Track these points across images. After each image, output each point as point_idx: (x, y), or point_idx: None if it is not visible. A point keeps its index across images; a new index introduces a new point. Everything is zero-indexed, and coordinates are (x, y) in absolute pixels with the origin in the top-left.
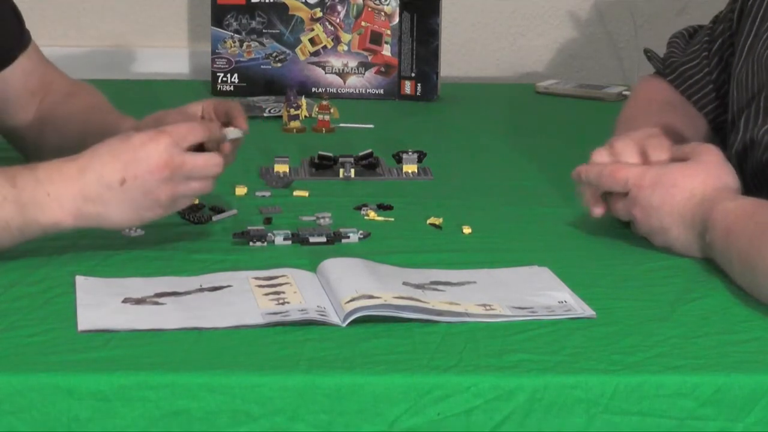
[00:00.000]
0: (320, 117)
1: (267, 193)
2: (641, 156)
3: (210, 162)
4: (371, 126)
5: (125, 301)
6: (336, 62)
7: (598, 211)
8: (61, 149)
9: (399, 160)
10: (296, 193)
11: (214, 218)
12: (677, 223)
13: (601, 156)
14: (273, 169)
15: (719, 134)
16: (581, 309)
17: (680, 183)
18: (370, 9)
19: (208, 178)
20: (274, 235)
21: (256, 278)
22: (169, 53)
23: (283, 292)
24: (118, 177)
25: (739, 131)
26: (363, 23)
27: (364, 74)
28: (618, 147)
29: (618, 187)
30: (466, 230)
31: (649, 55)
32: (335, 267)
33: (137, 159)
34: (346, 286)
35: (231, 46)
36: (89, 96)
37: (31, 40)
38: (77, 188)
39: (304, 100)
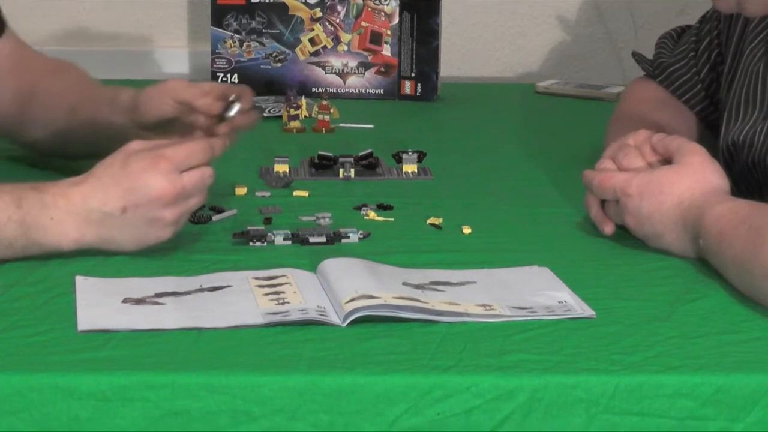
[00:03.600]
0: (320, 117)
1: (267, 193)
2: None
3: (205, 175)
4: (371, 126)
5: (125, 301)
6: (336, 62)
7: (607, 229)
8: (50, 123)
9: (399, 160)
10: (296, 193)
11: (214, 218)
12: (670, 230)
13: (604, 164)
14: (273, 169)
15: (713, 132)
16: (581, 309)
17: (667, 190)
18: (370, 9)
19: (204, 190)
20: (274, 235)
21: (256, 278)
22: (169, 53)
23: (283, 292)
24: (119, 205)
25: (727, 132)
26: (363, 23)
27: (364, 74)
28: (620, 154)
29: (609, 196)
30: (466, 230)
31: (637, 58)
32: (335, 267)
33: (137, 188)
34: (346, 286)
35: (231, 46)
36: (74, 71)
37: (6, 27)
38: (81, 215)
39: (304, 100)
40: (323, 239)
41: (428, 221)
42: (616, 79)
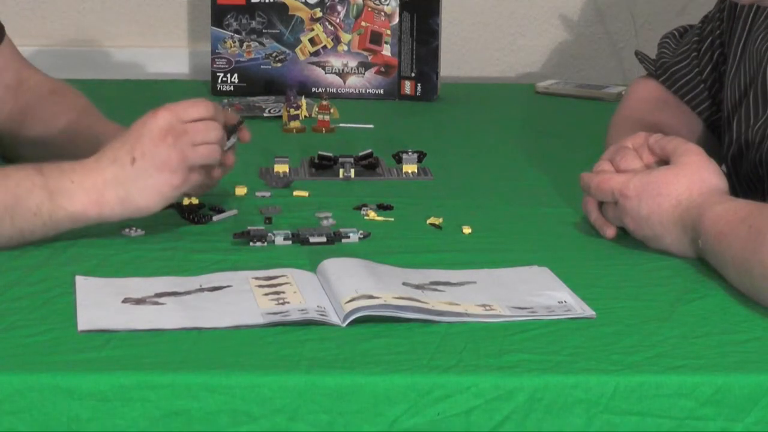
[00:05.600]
0: (320, 117)
1: (267, 193)
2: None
3: (210, 125)
4: (371, 126)
5: (125, 301)
6: (336, 62)
7: (609, 232)
8: (46, 143)
9: (399, 160)
10: (296, 193)
11: (214, 218)
12: (669, 231)
13: (601, 166)
14: (273, 169)
15: (715, 132)
16: (581, 309)
17: (664, 191)
18: (370, 9)
19: (212, 142)
20: (274, 235)
21: (256, 278)
22: (169, 53)
23: (283, 292)
24: (128, 157)
25: (733, 133)
26: (363, 23)
27: (364, 74)
28: (617, 157)
29: (607, 198)
30: (466, 230)
31: (640, 57)
32: (335, 267)
33: (141, 135)
34: (346, 286)
35: (231, 46)
36: (75, 97)
37: (4, 36)
38: (96, 174)
39: (304, 100)
40: (323, 239)
41: (428, 221)
42: (616, 79)
